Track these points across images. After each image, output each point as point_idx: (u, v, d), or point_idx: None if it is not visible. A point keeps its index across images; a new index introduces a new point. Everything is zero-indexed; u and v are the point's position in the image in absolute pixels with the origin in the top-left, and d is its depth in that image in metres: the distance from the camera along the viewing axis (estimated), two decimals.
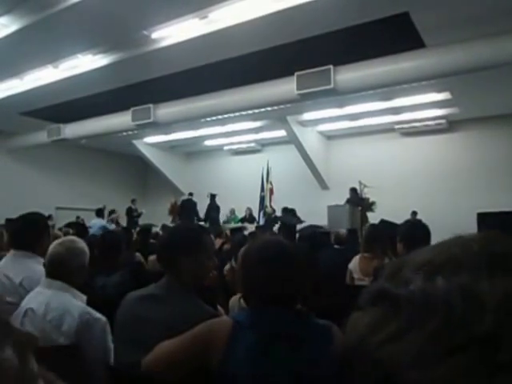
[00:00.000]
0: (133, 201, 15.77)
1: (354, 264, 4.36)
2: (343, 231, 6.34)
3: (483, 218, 7.43)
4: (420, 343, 0.41)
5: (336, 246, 6.11)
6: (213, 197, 14.97)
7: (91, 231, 10.18)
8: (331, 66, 8.63)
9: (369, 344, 0.44)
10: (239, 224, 12.85)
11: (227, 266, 4.40)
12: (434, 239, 3.37)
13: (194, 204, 15.00)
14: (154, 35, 8.20)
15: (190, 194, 15.29)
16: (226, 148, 18.16)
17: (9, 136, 15.55)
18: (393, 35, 7.87)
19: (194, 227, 2.48)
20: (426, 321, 0.42)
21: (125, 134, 13.43)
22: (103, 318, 2.44)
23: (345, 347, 0.49)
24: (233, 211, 15.55)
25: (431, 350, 0.40)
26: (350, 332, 0.49)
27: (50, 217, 8.44)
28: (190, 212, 14.55)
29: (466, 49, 7.54)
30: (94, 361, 2.32)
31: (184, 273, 2.12)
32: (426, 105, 11.99)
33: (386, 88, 8.93)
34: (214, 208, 14.83)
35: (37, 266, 2.87)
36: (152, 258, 5.27)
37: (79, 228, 8.05)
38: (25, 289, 2.77)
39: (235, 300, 2.98)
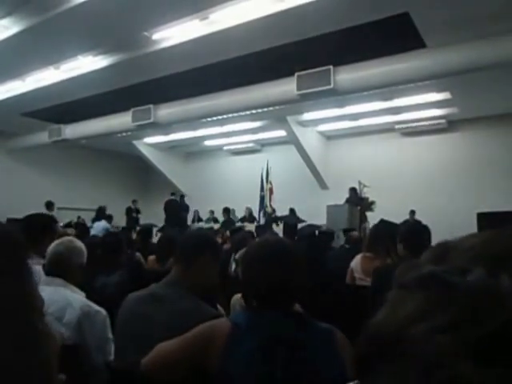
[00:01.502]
0: (133, 201, 15.80)
1: (356, 263, 4.34)
2: (355, 233, 6.42)
3: (483, 218, 7.47)
4: (476, 340, 0.38)
5: (347, 246, 6.15)
6: (182, 197, 15.62)
7: (93, 232, 10.23)
8: (331, 67, 8.65)
9: (415, 331, 0.41)
10: (239, 224, 12.86)
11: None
12: (434, 239, 3.39)
13: (177, 203, 15.30)
14: (155, 36, 8.22)
15: (173, 194, 15.58)
16: (225, 148, 18.18)
17: (10, 136, 15.61)
18: (393, 35, 7.89)
19: (210, 232, 2.52)
20: (488, 318, 0.39)
21: (125, 134, 13.49)
22: (103, 311, 2.50)
23: (380, 331, 0.45)
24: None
25: (488, 348, 0.38)
26: (388, 315, 0.46)
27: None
28: (174, 212, 14.83)
29: (466, 49, 7.56)
30: (94, 352, 2.38)
31: (202, 274, 2.16)
32: (426, 105, 11.99)
33: (386, 88, 8.95)
34: (184, 208, 15.40)
35: (35, 267, 2.88)
36: (152, 257, 5.27)
37: (80, 228, 8.08)
38: None
39: (236, 299, 2.99)
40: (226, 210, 14.10)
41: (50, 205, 12.87)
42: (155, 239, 7.12)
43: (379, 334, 0.45)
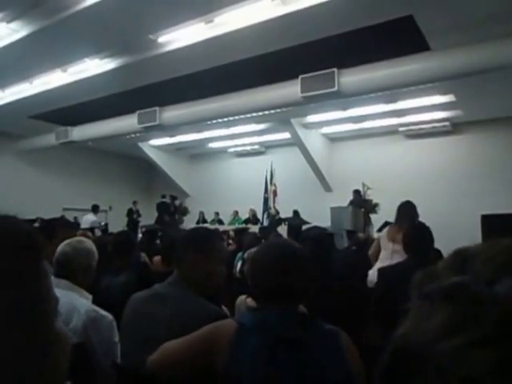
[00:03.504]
0: (134, 203, 15.87)
1: (384, 232, 4.76)
2: (362, 235, 6.46)
3: (487, 221, 7.44)
4: (507, 355, 0.37)
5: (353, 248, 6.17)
6: (163, 197, 15.73)
7: (82, 225, 10.69)
8: (335, 69, 8.66)
9: (445, 346, 0.39)
10: (243, 225, 12.88)
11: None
12: (438, 241, 3.43)
13: (167, 206, 15.49)
14: (160, 39, 8.27)
15: (163, 197, 15.77)
16: (230, 150, 18.20)
17: (18, 138, 15.70)
18: (397, 38, 7.89)
19: (207, 230, 2.50)
20: None
21: (131, 136, 13.53)
22: (109, 316, 2.46)
23: (405, 345, 0.43)
24: (236, 213, 15.78)
25: None
26: (413, 328, 0.44)
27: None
28: (164, 213, 15.06)
29: (471, 51, 7.54)
30: (101, 357, 2.34)
31: (193, 273, 2.15)
32: (430, 107, 11.97)
33: (390, 90, 8.95)
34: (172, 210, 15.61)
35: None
36: (157, 258, 5.30)
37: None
38: None
39: (241, 300, 3.01)
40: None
41: (95, 208, 12.98)
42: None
43: (404, 349, 0.43)
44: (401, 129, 14.20)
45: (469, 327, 0.39)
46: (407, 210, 4.68)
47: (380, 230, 5.36)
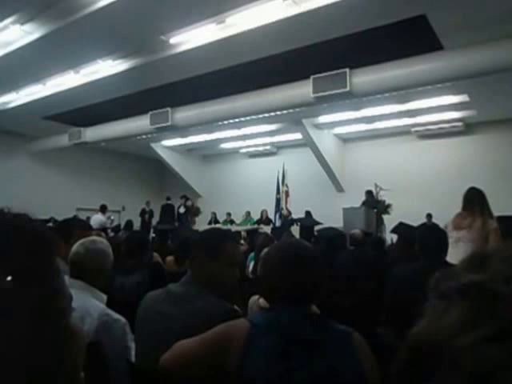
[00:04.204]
0: (147, 203, 15.95)
1: (449, 221, 4.80)
2: (358, 232, 6.32)
3: (500, 222, 7.38)
4: None
5: (351, 248, 6.10)
6: (168, 199, 15.97)
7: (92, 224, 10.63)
8: (347, 69, 8.65)
9: (461, 342, 0.39)
10: (255, 226, 12.88)
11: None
12: None
13: (172, 207, 15.61)
14: (172, 40, 8.29)
15: (168, 199, 15.92)
16: (242, 151, 18.24)
17: (32, 139, 15.85)
18: (410, 38, 7.86)
19: (220, 232, 2.48)
20: None
21: (143, 137, 13.59)
22: (122, 319, 2.43)
23: (421, 341, 0.44)
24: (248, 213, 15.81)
25: None
26: (429, 325, 0.44)
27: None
28: (169, 214, 15.16)
29: (484, 51, 7.50)
30: (114, 360, 2.30)
31: (205, 274, 2.15)
32: (443, 107, 11.91)
33: (402, 91, 8.91)
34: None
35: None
36: (170, 258, 5.33)
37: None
38: None
39: (254, 300, 3.02)
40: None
41: (103, 208, 13.07)
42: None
43: (421, 345, 0.44)
44: (413, 129, 14.15)
45: (484, 323, 0.39)
46: (473, 197, 4.71)
47: (394, 230, 5.26)
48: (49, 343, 0.64)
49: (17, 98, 11.75)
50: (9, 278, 0.60)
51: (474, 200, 4.64)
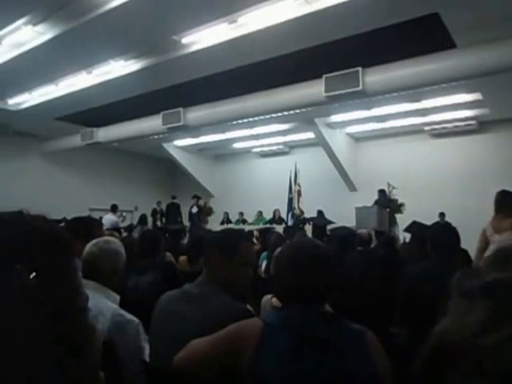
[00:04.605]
0: (158, 203, 16.00)
1: (488, 224, 4.84)
2: (364, 232, 6.27)
3: None
4: None
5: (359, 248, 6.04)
6: (173, 198, 16.04)
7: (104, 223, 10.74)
8: (360, 68, 8.62)
9: (486, 341, 0.39)
10: (267, 225, 12.87)
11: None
12: (464, 241, 3.39)
13: (178, 207, 15.66)
14: (184, 40, 8.31)
15: (174, 198, 15.99)
16: (254, 150, 18.26)
17: (44, 140, 15.98)
18: (422, 36, 7.82)
19: (234, 232, 2.48)
20: None
21: (155, 137, 13.65)
22: (135, 320, 2.43)
23: (444, 340, 0.43)
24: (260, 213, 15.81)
25: None
26: (453, 324, 0.44)
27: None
28: (175, 214, 15.28)
29: (498, 48, 7.42)
30: (126, 360, 2.28)
31: (218, 274, 2.16)
32: (456, 106, 11.84)
33: (415, 89, 8.87)
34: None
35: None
36: (183, 258, 5.33)
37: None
38: None
39: (267, 300, 3.02)
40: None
41: (114, 207, 13.14)
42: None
43: (444, 344, 0.43)
44: (426, 128, 14.09)
45: (508, 322, 0.39)
46: (507, 199, 4.77)
47: (407, 229, 5.23)
48: (71, 341, 0.65)
49: (29, 99, 11.83)
50: (32, 276, 0.61)
51: (508, 202, 4.73)
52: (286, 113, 10.54)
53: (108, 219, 12.27)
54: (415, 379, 0.45)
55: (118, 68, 9.64)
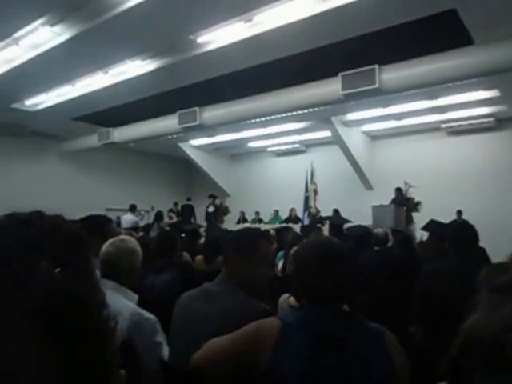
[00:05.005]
0: (175, 204, 16.07)
1: None
2: (380, 231, 6.18)
3: None
4: None
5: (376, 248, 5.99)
6: (188, 200, 16.21)
7: (123, 224, 11.20)
8: (376, 66, 8.59)
9: None
10: (283, 224, 12.86)
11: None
12: (482, 239, 3.35)
13: (192, 208, 15.81)
14: (200, 40, 8.33)
15: (189, 199, 16.18)
16: (270, 149, 18.24)
17: (61, 140, 16.13)
18: (439, 33, 7.76)
19: (253, 232, 2.49)
20: None
21: (171, 136, 13.71)
22: (153, 317, 2.45)
23: (474, 336, 0.43)
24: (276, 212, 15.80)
25: None
26: (482, 319, 0.44)
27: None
28: (189, 215, 15.39)
29: None
30: (144, 357, 2.28)
31: (237, 273, 2.17)
32: (474, 103, 11.72)
33: (432, 87, 8.80)
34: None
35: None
36: (199, 257, 5.35)
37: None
38: None
39: (284, 299, 3.02)
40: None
41: (133, 207, 13.22)
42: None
43: (473, 340, 0.43)
44: (443, 125, 13.97)
45: None
46: None
47: (425, 228, 5.18)
48: (95, 333, 0.66)
49: (46, 100, 11.94)
50: (57, 270, 0.62)
51: None
52: (302, 111, 10.52)
53: (127, 219, 12.38)
54: (445, 376, 0.45)
55: (134, 68, 9.69)
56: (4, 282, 0.57)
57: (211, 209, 15.15)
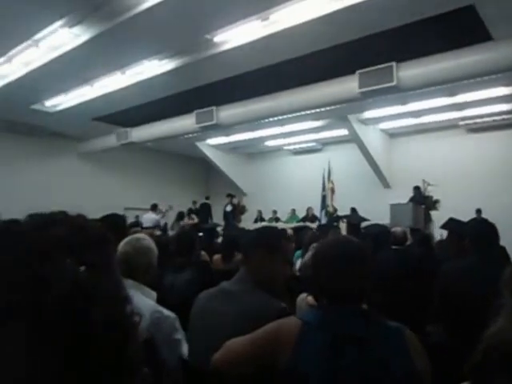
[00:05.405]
0: (194, 202, 16.15)
1: None
2: (399, 230, 6.12)
3: None
4: None
5: (394, 247, 5.92)
6: (207, 199, 16.32)
7: (145, 223, 11.34)
8: (394, 63, 8.53)
9: None
10: (301, 223, 12.84)
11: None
12: (502, 238, 3.32)
13: (209, 207, 15.91)
14: (216, 39, 8.35)
15: (207, 198, 16.31)
16: (286, 148, 18.22)
17: (80, 141, 16.25)
18: (458, 29, 7.67)
19: (275, 230, 2.49)
20: None
21: (188, 136, 13.75)
22: (172, 315, 2.46)
23: (499, 340, 0.43)
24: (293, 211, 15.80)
25: None
26: (507, 326, 0.43)
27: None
28: (207, 214, 15.51)
29: None
30: (164, 354, 2.32)
31: (259, 271, 2.18)
32: (493, 99, 11.60)
33: (450, 83, 8.72)
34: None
35: None
36: (217, 256, 5.37)
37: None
38: None
39: (302, 298, 3.02)
40: None
41: (154, 206, 13.34)
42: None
43: (498, 346, 0.43)
44: (461, 123, 13.83)
45: None
46: None
47: (444, 226, 5.10)
48: (121, 328, 0.67)
49: (65, 101, 12.03)
50: (82, 268, 0.63)
51: None
52: (319, 110, 10.50)
53: (149, 218, 12.50)
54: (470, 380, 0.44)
55: (152, 68, 9.74)
56: (31, 282, 0.59)
57: (229, 208, 15.18)
